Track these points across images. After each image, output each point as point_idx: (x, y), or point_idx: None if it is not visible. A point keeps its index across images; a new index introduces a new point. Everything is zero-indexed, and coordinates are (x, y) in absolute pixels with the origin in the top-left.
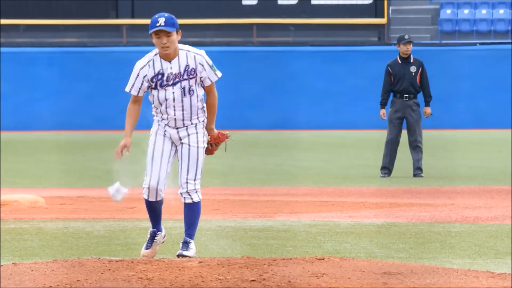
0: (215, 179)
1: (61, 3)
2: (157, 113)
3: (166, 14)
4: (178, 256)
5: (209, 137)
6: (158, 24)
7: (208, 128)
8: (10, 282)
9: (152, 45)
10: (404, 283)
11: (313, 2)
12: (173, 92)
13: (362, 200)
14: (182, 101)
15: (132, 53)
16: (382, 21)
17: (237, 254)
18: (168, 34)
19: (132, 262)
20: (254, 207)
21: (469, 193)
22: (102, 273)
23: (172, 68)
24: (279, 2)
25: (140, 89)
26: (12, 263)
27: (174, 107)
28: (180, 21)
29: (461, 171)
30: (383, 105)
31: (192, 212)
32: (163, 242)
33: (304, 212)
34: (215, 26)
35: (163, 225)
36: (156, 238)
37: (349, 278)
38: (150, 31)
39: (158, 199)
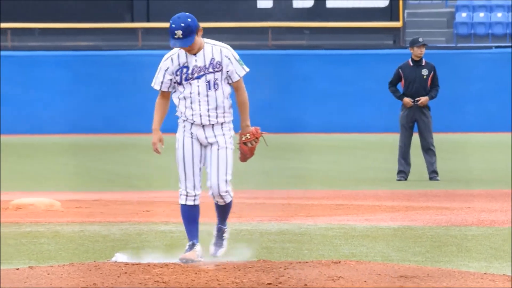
0: None
1: (76, 7)
2: (181, 114)
3: (183, 24)
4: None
5: (248, 134)
6: (176, 37)
7: (243, 126)
8: (27, 285)
9: (167, 47)
10: (420, 286)
11: (328, 6)
12: (198, 86)
13: (378, 203)
14: (207, 95)
15: (148, 57)
16: (398, 24)
17: (253, 258)
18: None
19: (148, 265)
20: (269, 211)
21: (485, 196)
22: (118, 277)
23: (197, 61)
24: (294, 6)
25: (162, 83)
26: (29, 267)
27: (199, 101)
28: None
29: (475, 174)
30: (400, 96)
31: (224, 210)
32: (200, 260)
33: (320, 216)
34: (230, 30)
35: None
36: (196, 247)
37: (365, 281)
38: (170, 46)
39: (196, 203)
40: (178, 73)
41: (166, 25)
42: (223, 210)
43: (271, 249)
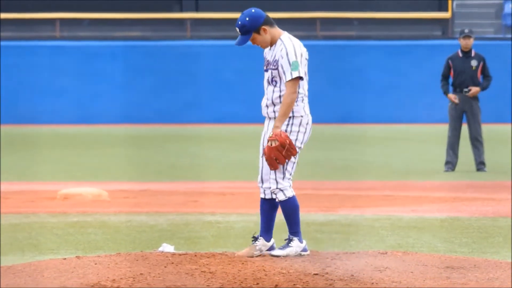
0: None
1: None
2: None
3: (240, 22)
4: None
5: (272, 134)
6: (237, 33)
7: (273, 126)
8: (74, 275)
9: (216, 38)
10: (466, 277)
11: None
12: (264, 78)
13: (425, 194)
14: (267, 89)
15: (196, 47)
16: (446, 15)
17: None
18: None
19: (195, 255)
20: (317, 201)
21: None
22: (165, 267)
23: (267, 54)
24: None
25: None
26: (76, 256)
27: (263, 93)
28: None
29: None
30: (446, 91)
31: (284, 209)
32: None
33: (367, 207)
34: (278, 20)
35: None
36: (256, 242)
37: (412, 272)
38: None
39: (266, 197)
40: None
41: (214, 15)
42: (284, 212)
43: (318, 239)
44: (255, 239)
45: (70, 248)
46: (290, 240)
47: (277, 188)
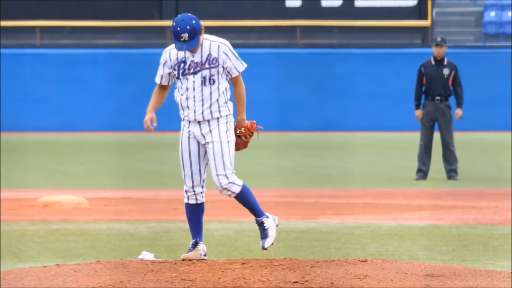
0: (259, 181)
1: (105, 5)
2: (181, 112)
3: (188, 26)
4: (263, 248)
5: (242, 128)
6: (182, 40)
7: (239, 120)
8: (54, 283)
9: None
10: (446, 285)
11: (356, 4)
12: (194, 82)
13: (406, 202)
14: (202, 91)
15: None
16: (426, 23)
17: (280, 256)
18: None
19: (175, 263)
20: (297, 209)
21: None
22: (145, 275)
23: (194, 56)
24: (323, 4)
25: (162, 76)
26: (56, 264)
27: (194, 97)
28: (224, 23)
29: (505, 173)
30: (417, 106)
31: (244, 201)
32: (204, 258)
33: (347, 214)
34: (259, 28)
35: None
36: (198, 246)
37: (391, 280)
38: (176, 48)
39: (198, 202)
40: (176, 67)
41: None
42: (242, 202)
43: (297, 247)
44: (196, 243)
45: (50, 255)
46: (261, 223)
47: (229, 183)
